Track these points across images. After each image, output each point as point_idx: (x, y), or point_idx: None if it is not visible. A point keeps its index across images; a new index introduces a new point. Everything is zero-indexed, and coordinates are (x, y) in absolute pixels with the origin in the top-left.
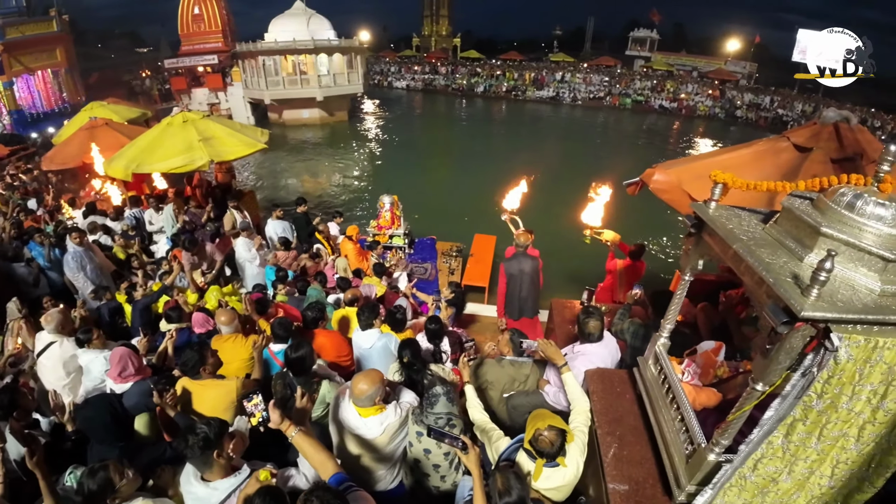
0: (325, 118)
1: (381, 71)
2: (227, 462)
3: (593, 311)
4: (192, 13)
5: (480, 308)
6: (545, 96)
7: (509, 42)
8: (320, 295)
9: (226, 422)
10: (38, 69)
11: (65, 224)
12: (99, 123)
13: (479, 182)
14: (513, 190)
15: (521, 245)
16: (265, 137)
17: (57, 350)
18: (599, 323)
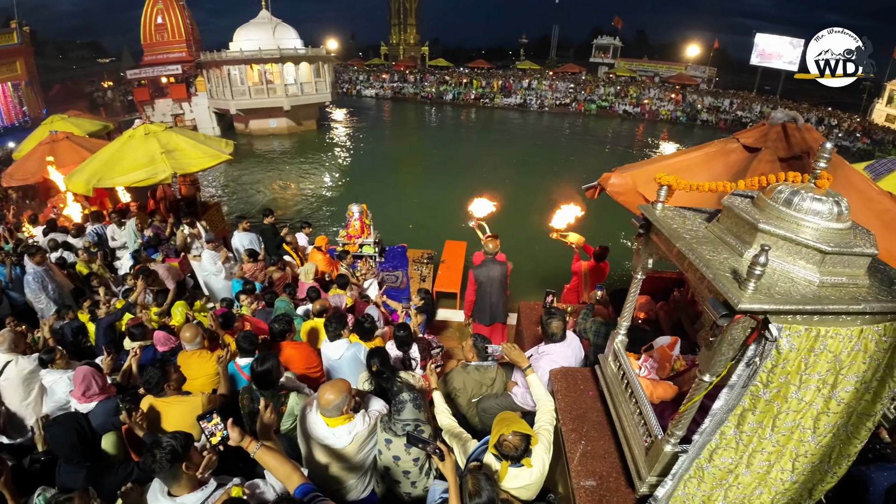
0: (293, 127)
1: (350, 79)
2: (195, 476)
3: (555, 312)
4: (156, 23)
5: (453, 314)
6: (513, 103)
7: (477, 50)
8: (288, 307)
9: (191, 435)
10: None
11: (25, 242)
12: (59, 137)
13: (450, 188)
14: (479, 199)
15: (490, 251)
16: (230, 148)
17: (13, 369)
18: (562, 323)
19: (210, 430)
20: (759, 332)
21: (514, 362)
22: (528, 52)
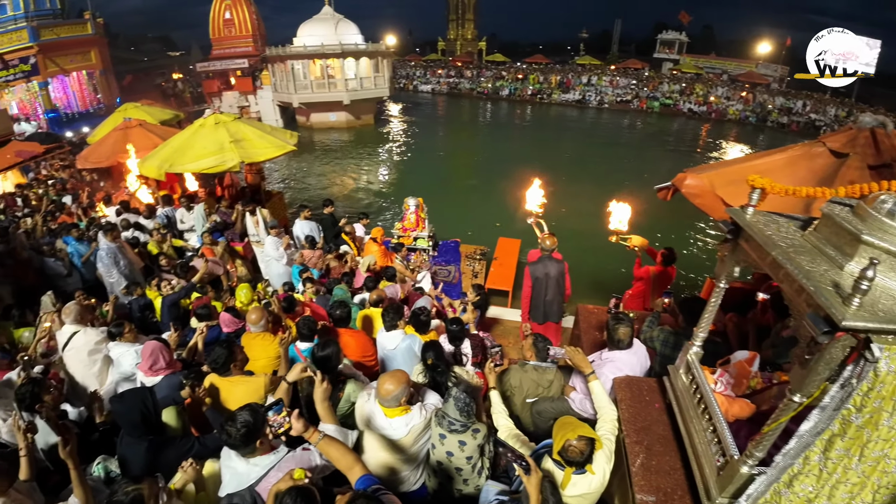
0: (352, 121)
1: (407, 75)
2: (267, 444)
3: (623, 318)
4: (223, 18)
5: (503, 312)
6: (571, 99)
7: (534, 45)
8: (345, 295)
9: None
10: (73, 70)
11: (98, 221)
12: (133, 124)
13: (504, 185)
14: (532, 192)
15: (547, 248)
16: (294, 140)
17: (81, 339)
18: (629, 330)
19: (279, 422)
20: (859, 351)
21: (577, 367)
22: (588, 47)
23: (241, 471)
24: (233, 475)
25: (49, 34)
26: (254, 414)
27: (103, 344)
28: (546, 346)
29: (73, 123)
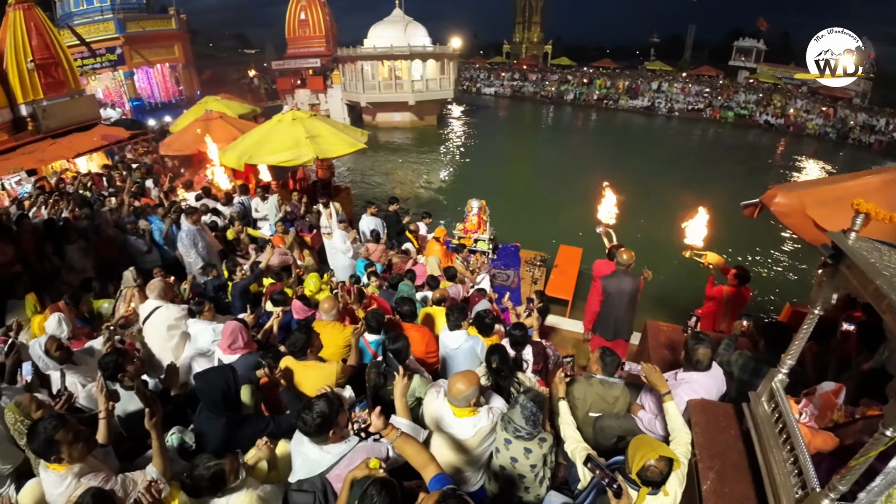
0: (416, 122)
1: (471, 77)
2: (339, 432)
3: (703, 338)
4: (299, 18)
5: (561, 321)
6: (639, 106)
7: (601, 49)
8: (411, 291)
9: (341, 401)
10: (158, 63)
11: (178, 204)
12: (214, 116)
13: (567, 192)
14: (606, 201)
15: (624, 262)
16: (365, 138)
17: (163, 314)
18: (709, 351)
19: (364, 418)
20: None
21: (654, 385)
22: (658, 53)
23: (313, 457)
24: (304, 461)
25: (135, 27)
26: (329, 404)
27: (183, 320)
28: (614, 360)
29: (156, 112)
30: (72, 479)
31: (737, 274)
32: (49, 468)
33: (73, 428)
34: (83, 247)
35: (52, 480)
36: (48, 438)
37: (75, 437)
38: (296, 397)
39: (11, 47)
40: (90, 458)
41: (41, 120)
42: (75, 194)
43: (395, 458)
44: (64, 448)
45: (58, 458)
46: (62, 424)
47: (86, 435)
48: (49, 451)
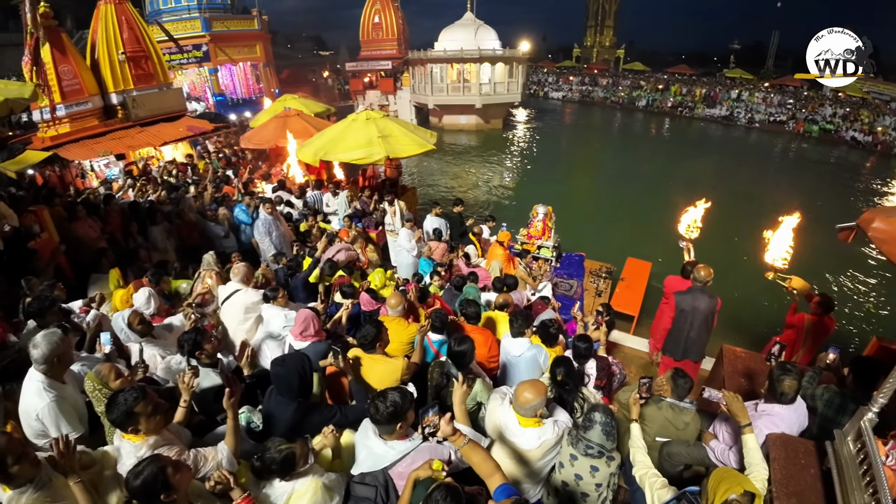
0: (481, 125)
1: (538, 81)
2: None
3: (791, 369)
4: (373, 22)
5: (625, 337)
6: (716, 115)
7: (677, 55)
8: (476, 294)
9: (412, 394)
10: (240, 61)
11: (256, 195)
12: (292, 113)
13: (636, 202)
14: (689, 213)
15: (701, 280)
16: (434, 139)
17: (241, 297)
18: (796, 383)
19: (434, 423)
20: None
21: (735, 415)
22: (738, 60)
23: (378, 451)
24: (369, 454)
25: (220, 26)
26: (402, 397)
27: (259, 304)
28: (686, 383)
29: (237, 108)
30: (146, 451)
31: (820, 302)
32: (125, 438)
33: (152, 401)
34: (166, 229)
35: (126, 450)
36: (128, 410)
37: (154, 409)
38: (363, 389)
39: (103, 39)
40: (165, 432)
41: (131, 109)
42: (162, 180)
43: (457, 463)
44: (142, 420)
45: (135, 430)
46: (143, 397)
47: (164, 408)
48: (127, 421)
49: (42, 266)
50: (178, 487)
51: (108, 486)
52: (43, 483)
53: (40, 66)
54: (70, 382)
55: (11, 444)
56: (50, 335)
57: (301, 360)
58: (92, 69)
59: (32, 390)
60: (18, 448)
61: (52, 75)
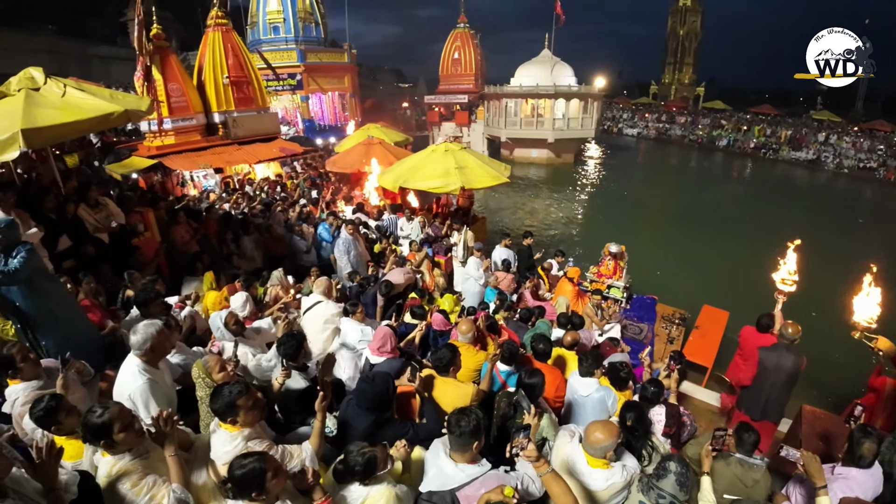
0: (552, 159)
1: (613, 117)
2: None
3: (872, 433)
4: (453, 57)
5: (696, 390)
6: (802, 158)
7: (760, 93)
8: (549, 330)
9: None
10: (329, 90)
11: (336, 215)
12: (375, 142)
13: (713, 247)
14: (787, 262)
15: (788, 337)
16: (508, 172)
17: (322, 308)
18: (875, 447)
19: (523, 444)
20: None
21: (811, 476)
22: (826, 101)
23: (448, 472)
24: (438, 473)
25: (313, 58)
26: (481, 417)
27: (338, 317)
28: (751, 436)
29: (323, 133)
30: (241, 441)
31: None
32: (222, 427)
33: (253, 396)
34: (256, 239)
35: (222, 438)
36: (231, 402)
37: (254, 404)
38: (434, 409)
39: (210, 63)
40: (257, 426)
41: (231, 128)
42: (255, 195)
43: (525, 492)
44: (241, 413)
45: (233, 420)
46: (245, 391)
47: (262, 404)
48: (228, 412)
49: (144, 262)
50: (270, 491)
51: (198, 467)
52: (140, 453)
53: (151, 82)
54: (164, 370)
55: (122, 414)
56: (150, 325)
57: (387, 381)
58: (198, 89)
59: (129, 372)
60: (128, 418)
61: (161, 91)
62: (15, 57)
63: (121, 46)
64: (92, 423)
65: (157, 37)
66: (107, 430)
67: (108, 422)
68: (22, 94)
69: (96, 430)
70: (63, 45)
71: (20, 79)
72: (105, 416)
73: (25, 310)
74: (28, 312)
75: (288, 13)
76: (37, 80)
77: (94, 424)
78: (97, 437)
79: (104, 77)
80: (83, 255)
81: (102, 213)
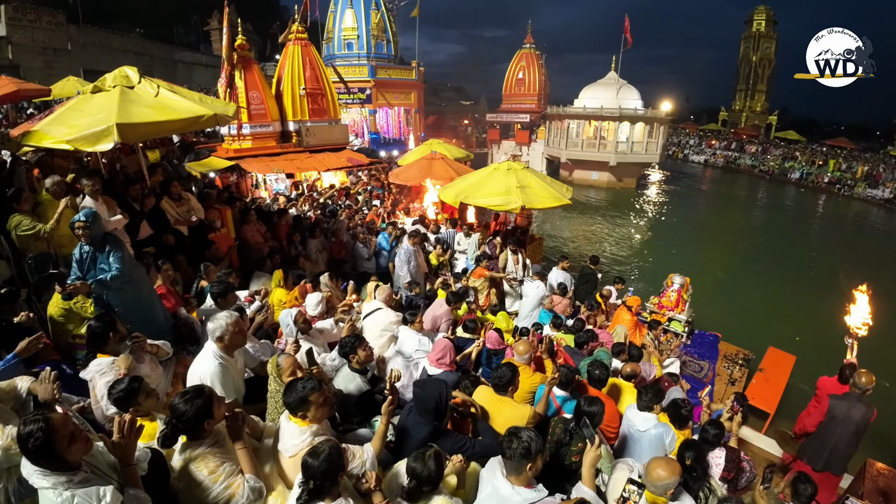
0: (613, 182)
1: (678, 142)
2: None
3: None
4: (517, 77)
5: (755, 436)
6: (879, 196)
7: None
8: (609, 358)
9: (543, 442)
10: (396, 105)
11: (397, 226)
12: (437, 157)
13: (781, 286)
14: (859, 305)
15: (861, 386)
16: (570, 194)
17: (382, 315)
18: None
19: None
20: None
21: None
22: None
23: (504, 493)
24: (493, 492)
25: (383, 74)
26: (534, 440)
27: (396, 325)
28: (808, 489)
29: (387, 146)
30: (309, 436)
31: None
32: (291, 420)
33: (324, 393)
34: (322, 243)
35: (292, 431)
36: (304, 397)
37: (325, 401)
38: (490, 428)
39: (289, 74)
40: (324, 423)
41: (304, 137)
42: (324, 201)
43: None
44: (312, 408)
45: (304, 415)
46: (318, 388)
47: (332, 402)
48: (300, 407)
49: (219, 256)
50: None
51: (265, 456)
52: (215, 441)
53: (234, 88)
54: (238, 359)
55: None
56: (228, 315)
57: (440, 386)
58: (276, 98)
59: (205, 356)
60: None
61: (242, 98)
62: (105, 55)
63: (203, 53)
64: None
65: (241, 47)
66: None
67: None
68: (117, 90)
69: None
70: (150, 48)
71: (115, 76)
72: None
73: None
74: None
75: (362, 30)
76: (131, 78)
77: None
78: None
79: (187, 81)
80: (163, 244)
81: (184, 207)
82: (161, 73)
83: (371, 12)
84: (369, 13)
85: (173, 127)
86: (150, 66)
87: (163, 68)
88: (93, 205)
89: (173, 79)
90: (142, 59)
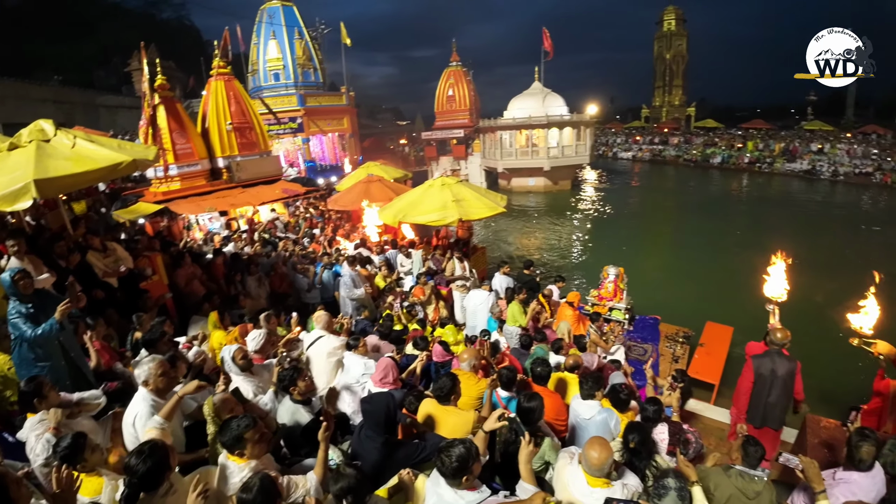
0: (549, 186)
1: (606, 142)
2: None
3: (869, 435)
4: (447, 95)
5: (705, 407)
6: (797, 169)
7: (751, 109)
8: (546, 354)
9: (477, 448)
10: (329, 132)
11: (339, 252)
12: (374, 179)
13: (714, 264)
14: (775, 274)
15: (777, 342)
16: (504, 202)
17: (325, 342)
18: (874, 449)
19: None
20: None
21: (809, 481)
22: (817, 111)
23: (448, 500)
24: (439, 501)
25: (313, 101)
26: (467, 451)
27: (341, 350)
28: (757, 451)
29: (325, 173)
30: (248, 472)
31: None
32: (230, 459)
33: (260, 430)
34: (259, 278)
35: (231, 470)
36: (238, 435)
37: (261, 437)
38: (437, 437)
39: (213, 111)
40: (264, 458)
41: (234, 172)
42: (259, 236)
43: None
44: (248, 445)
45: (241, 453)
46: (253, 425)
47: (268, 437)
48: (236, 445)
49: (150, 305)
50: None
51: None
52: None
53: (156, 130)
54: None
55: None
56: (152, 359)
57: (387, 398)
58: (202, 136)
59: (137, 398)
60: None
61: (166, 139)
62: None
63: (126, 95)
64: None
65: (161, 87)
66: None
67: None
68: (33, 145)
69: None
70: (70, 96)
71: (31, 130)
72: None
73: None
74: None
75: (287, 60)
76: (47, 132)
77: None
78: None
79: (111, 125)
80: (93, 300)
81: (111, 258)
82: (83, 119)
83: (295, 42)
84: (293, 43)
85: (93, 177)
86: (72, 113)
87: (85, 115)
88: (18, 265)
89: (96, 124)
90: (62, 107)
